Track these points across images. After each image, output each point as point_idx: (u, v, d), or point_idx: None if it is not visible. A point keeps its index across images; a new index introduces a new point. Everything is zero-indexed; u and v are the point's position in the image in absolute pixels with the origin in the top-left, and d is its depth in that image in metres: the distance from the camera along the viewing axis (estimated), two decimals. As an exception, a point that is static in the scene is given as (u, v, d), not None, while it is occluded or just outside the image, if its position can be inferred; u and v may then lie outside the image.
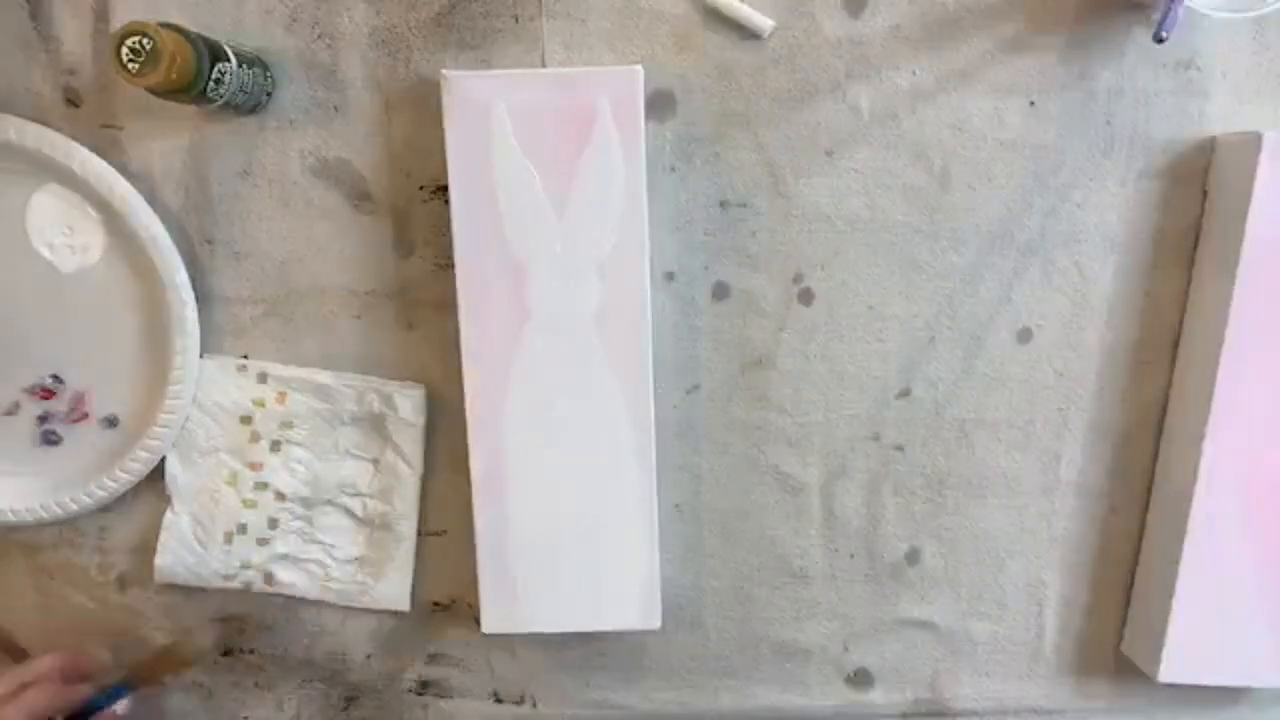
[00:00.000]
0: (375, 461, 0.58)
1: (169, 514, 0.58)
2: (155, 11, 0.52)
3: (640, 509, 0.56)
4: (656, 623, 0.57)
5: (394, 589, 0.60)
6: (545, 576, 0.56)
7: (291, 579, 0.59)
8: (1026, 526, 0.60)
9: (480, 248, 0.53)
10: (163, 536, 0.58)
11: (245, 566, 0.59)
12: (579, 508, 0.56)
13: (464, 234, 0.53)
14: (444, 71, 0.51)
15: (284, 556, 0.59)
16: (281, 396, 0.57)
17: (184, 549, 0.58)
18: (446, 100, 0.51)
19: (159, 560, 0.59)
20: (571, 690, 0.63)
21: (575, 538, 0.56)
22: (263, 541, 0.58)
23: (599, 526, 0.56)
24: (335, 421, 0.58)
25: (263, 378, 0.57)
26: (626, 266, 0.53)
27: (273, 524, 0.58)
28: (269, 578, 0.59)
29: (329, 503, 0.59)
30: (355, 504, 0.59)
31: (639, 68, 0.51)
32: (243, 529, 0.58)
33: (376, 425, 0.58)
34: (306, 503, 0.58)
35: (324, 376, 0.57)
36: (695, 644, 0.62)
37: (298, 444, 0.58)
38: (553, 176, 0.52)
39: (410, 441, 0.58)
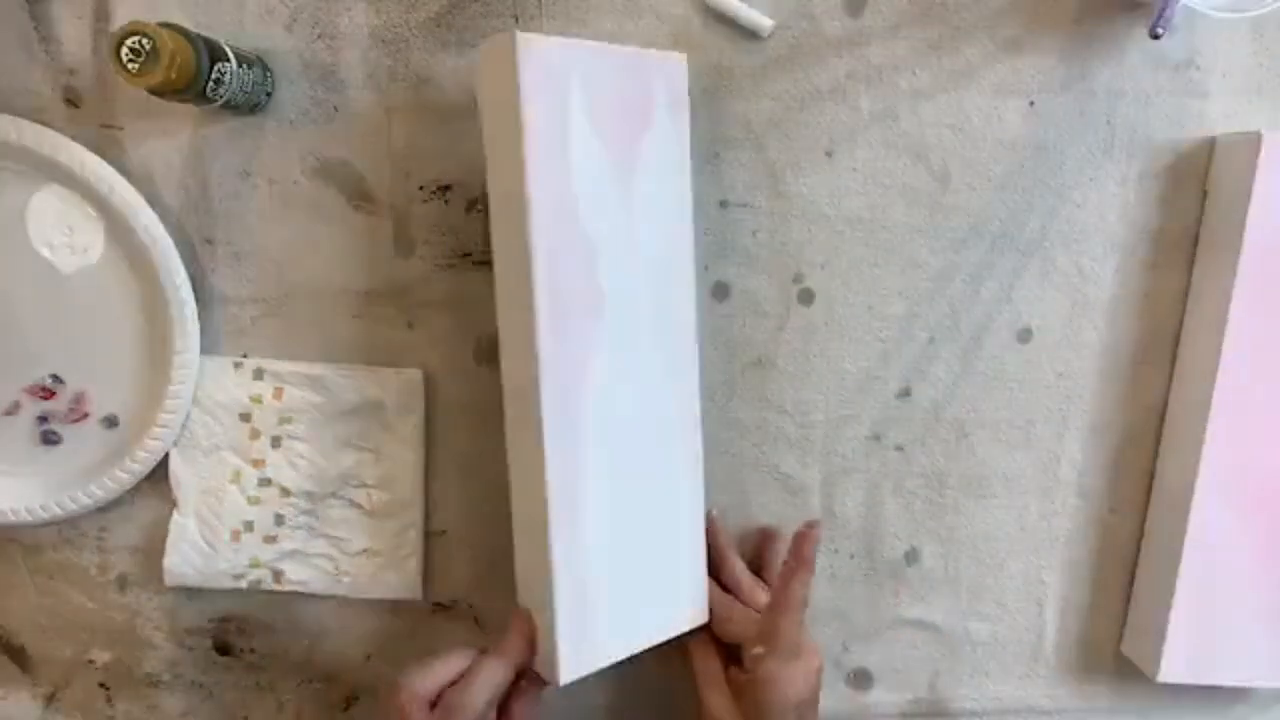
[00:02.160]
0: (376, 451, 0.58)
1: (175, 516, 0.58)
2: (155, 11, 0.52)
3: (689, 506, 0.53)
4: (706, 616, 0.54)
5: (405, 577, 0.59)
6: (614, 598, 0.50)
7: (302, 575, 0.59)
8: (1026, 526, 0.60)
9: (558, 230, 0.46)
10: (170, 539, 0.58)
11: (254, 565, 0.59)
12: (639, 514, 0.51)
13: (540, 215, 0.45)
14: (516, 33, 0.44)
15: (293, 553, 0.59)
16: (278, 392, 0.57)
17: (192, 550, 0.58)
18: (523, 65, 0.44)
19: (167, 562, 0.58)
20: (571, 689, 0.63)
21: (635, 548, 0.51)
22: (270, 539, 0.58)
23: (655, 530, 0.52)
24: (334, 413, 0.58)
25: (259, 374, 0.57)
26: (680, 256, 0.51)
27: (279, 520, 0.58)
28: (278, 575, 0.59)
29: (334, 495, 0.59)
30: (360, 495, 0.59)
31: (683, 54, 0.51)
32: (249, 526, 0.58)
33: (375, 414, 0.58)
34: (311, 497, 0.58)
35: (319, 369, 0.57)
36: (695, 644, 0.62)
37: (298, 438, 0.58)
38: (620, 157, 0.48)
39: (410, 427, 0.58)
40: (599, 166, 0.48)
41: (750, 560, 0.58)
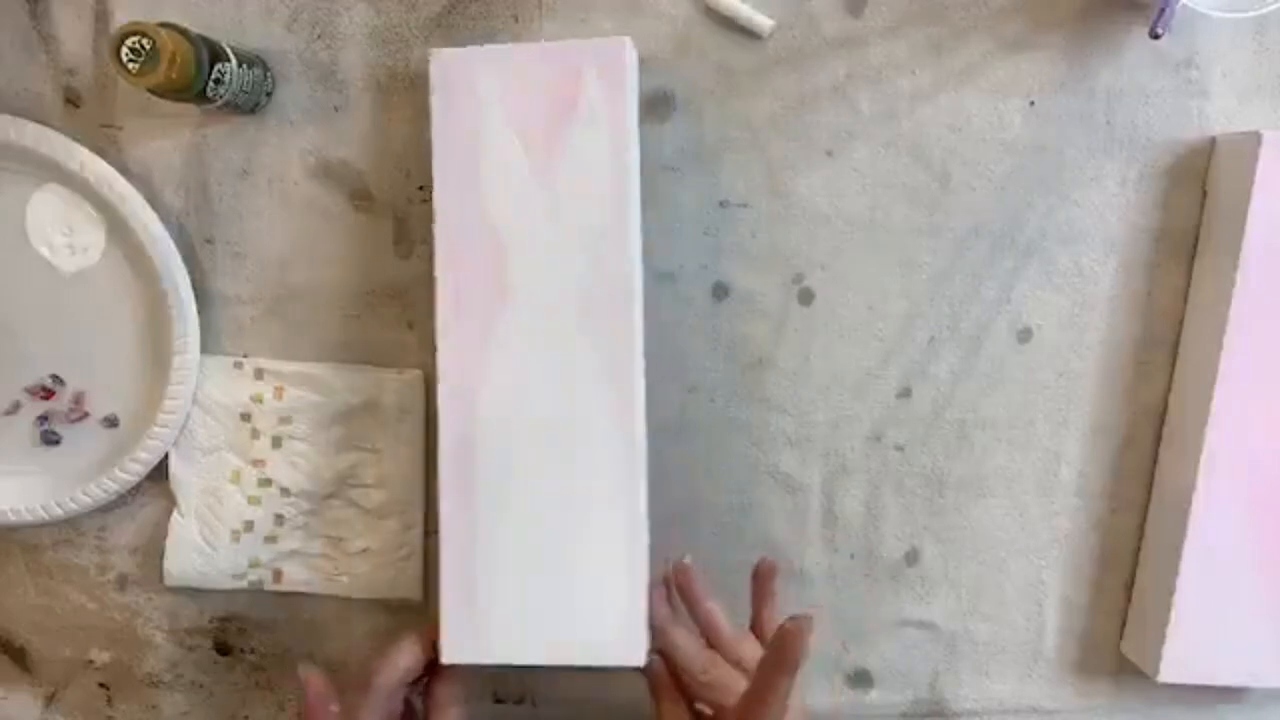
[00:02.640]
0: (376, 451, 0.58)
1: (175, 517, 0.58)
2: (155, 11, 0.52)
3: (625, 524, 0.50)
4: (640, 658, 0.50)
5: (406, 577, 0.59)
6: (517, 599, 0.51)
7: (302, 575, 0.59)
8: (1026, 526, 0.60)
9: (462, 226, 0.50)
10: (170, 540, 0.58)
11: (254, 565, 0.59)
12: (558, 522, 0.50)
13: (445, 213, 0.50)
14: (432, 50, 0.49)
15: (293, 553, 0.59)
16: (279, 391, 0.57)
17: (193, 551, 0.58)
18: (434, 78, 0.49)
19: (168, 564, 0.58)
20: (571, 690, 0.63)
21: (552, 555, 0.51)
22: (270, 539, 0.58)
23: (580, 544, 0.50)
24: (334, 413, 0.58)
25: (259, 374, 0.57)
26: (615, 247, 0.50)
27: (279, 520, 0.58)
28: (278, 575, 0.59)
29: (334, 495, 0.59)
30: (360, 495, 0.59)
31: (627, 38, 0.50)
32: (249, 526, 0.58)
33: (375, 414, 0.58)
34: (311, 497, 0.58)
35: (319, 369, 0.57)
36: (695, 644, 0.62)
37: (298, 438, 0.58)
38: (539, 151, 0.49)
39: (410, 427, 0.58)
40: (515, 163, 0.50)
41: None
